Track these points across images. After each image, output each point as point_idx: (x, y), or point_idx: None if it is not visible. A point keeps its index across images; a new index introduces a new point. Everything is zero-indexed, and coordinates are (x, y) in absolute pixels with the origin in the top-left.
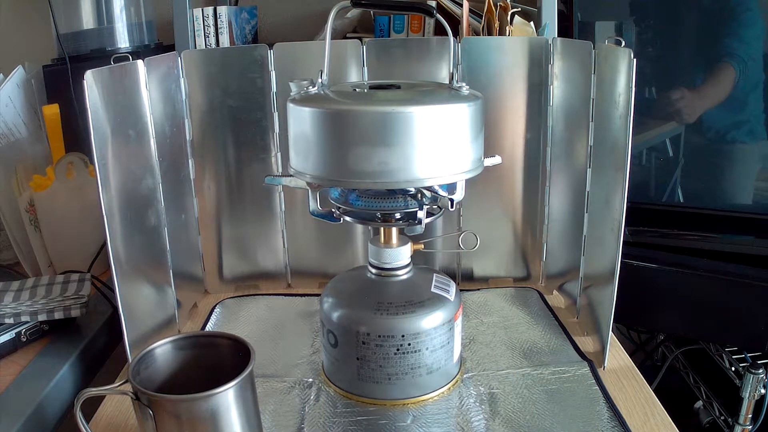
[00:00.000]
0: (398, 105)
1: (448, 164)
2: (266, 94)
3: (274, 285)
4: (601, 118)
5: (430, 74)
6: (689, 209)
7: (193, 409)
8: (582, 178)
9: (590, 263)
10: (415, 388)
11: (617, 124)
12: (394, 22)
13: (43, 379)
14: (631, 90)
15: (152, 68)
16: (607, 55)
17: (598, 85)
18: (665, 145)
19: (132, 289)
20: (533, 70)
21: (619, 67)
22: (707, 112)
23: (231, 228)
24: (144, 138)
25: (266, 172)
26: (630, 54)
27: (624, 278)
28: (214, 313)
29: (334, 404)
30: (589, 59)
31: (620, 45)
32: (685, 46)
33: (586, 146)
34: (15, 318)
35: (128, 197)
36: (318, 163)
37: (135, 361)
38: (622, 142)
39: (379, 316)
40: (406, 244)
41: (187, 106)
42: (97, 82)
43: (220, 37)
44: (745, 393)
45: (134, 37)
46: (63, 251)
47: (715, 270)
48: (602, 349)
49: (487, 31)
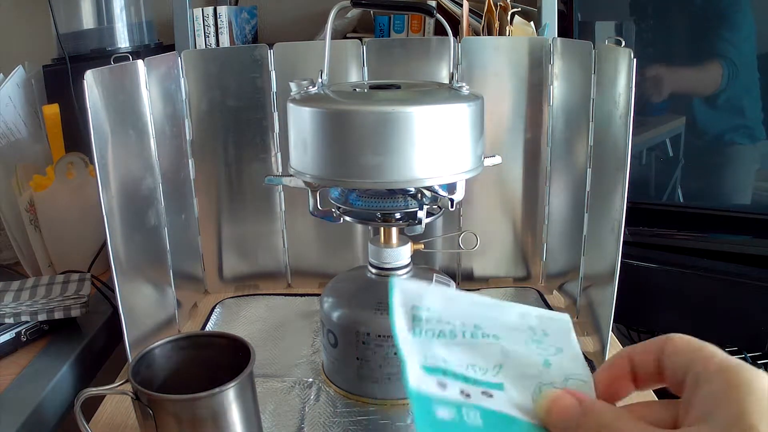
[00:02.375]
0: (398, 105)
1: (448, 164)
2: (266, 94)
3: (274, 285)
4: (601, 118)
5: (430, 74)
6: (689, 209)
7: (194, 408)
8: (582, 178)
9: (590, 263)
10: None
11: (617, 124)
12: (394, 22)
13: (43, 379)
14: (631, 90)
15: (152, 68)
16: (607, 55)
17: (598, 85)
18: (665, 145)
19: (132, 289)
20: (533, 70)
21: (619, 67)
22: (706, 112)
23: (231, 228)
24: (144, 138)
25: (266, 172)
26: (630, 54)
27: (624, 278)
28: (214, 313)
29: (334, 404)
30: (589, 59)
31: (620, 45)
32: (681, 45)
33: (586, 146)
34: (15, 318)
35: (128, 197)
36: (318, 163)
37: (135, 361)
38: (622, 142)
39: (379, 316)
40: (406, 244)
41: (187, 106)
42: (97, 82)
43: (220, 37)
44: None
45: (134, 37)
46: (63, 251)
47: (715, 270)
48: (602, 349)
49: (487, 31)
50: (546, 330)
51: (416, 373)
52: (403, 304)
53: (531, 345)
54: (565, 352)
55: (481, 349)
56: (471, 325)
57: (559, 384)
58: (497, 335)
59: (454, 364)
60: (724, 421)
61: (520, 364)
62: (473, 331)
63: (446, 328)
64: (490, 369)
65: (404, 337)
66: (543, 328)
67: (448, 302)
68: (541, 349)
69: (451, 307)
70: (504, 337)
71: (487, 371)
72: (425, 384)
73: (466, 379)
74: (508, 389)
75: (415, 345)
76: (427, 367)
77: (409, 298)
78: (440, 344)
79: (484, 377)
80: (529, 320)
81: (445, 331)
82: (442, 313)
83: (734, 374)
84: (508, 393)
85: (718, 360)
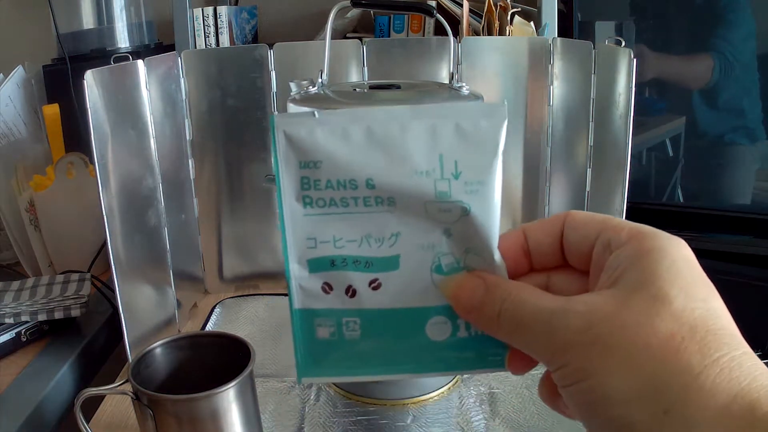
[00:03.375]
0: (398, 105)
1: None
2: (266, 94)
3: (274, 285)
4: (601, 118)
5: (430, 74)
6: (689, 209)
7: (194, 408)
8: (582, 178)
9: None
10: (415, 388)
11: (617, 124)
12: (394, 22)
13: (43, 379)
14: (631, 90)
15: (152, 68)
16: (607, 55)
17: (598, 85)
18: (665, 145)
19: (132, 289)
20: (533, 70)
21: (619, 67)
22: (706, 112)
23: (231, 228)
24: (144, 138)
25: (266, 172)
26: (630, 54)
27: None
28: (214, 313)
29: (334, 404)
30: (589, 59)
31: (620, 45)
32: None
33: (586, 146)
34: (15, 318)
35: (128, 197)
36: None
37: (135, 361)
38: (622, 142)
39: None
40: None
41: (187, 106)
42: (97, 82)
43: (220, 37)
44: None
45: (134, 37)
46: (63, 251)
47: (715, 270)
48: None
49: (487, 31)
50: (461, 159)
51: (301, 282)
52: (288, 161)
53: (432, 207)
54: (474, 209)
55: (375, 218)
56: (363, 181)
57: (458, 254)
58: (392, 198)
59: (346, 239)
60: (634, 284)
61: (418, 232)
62: (366, 194)
63: (337, 195)
64: (386, 239)
65: (292, 214)
66: (457, 157)
67: (340, 145)
68: (443, 209)
69: (343, 153)
70: (400, 200)
71: (383, 241)
72: (310, 287)
73: (356, 264)
74: (404, 262)
75: (305, 226)
76: (312, 261)
77: (296, 147)
78: (331, 219)
79: (380, 250)
80: (441, 144)
81: (336, 199)
82: (333, 167)
83: (648, 239)
84: (402, 270)
85: (630, 226)
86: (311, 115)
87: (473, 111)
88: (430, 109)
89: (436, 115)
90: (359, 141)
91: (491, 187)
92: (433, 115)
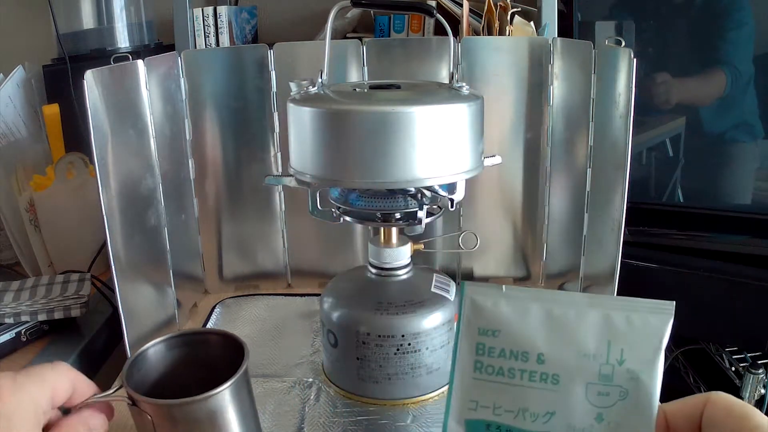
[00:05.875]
0: (398, 105)
1: (448, 164)
2: (266, 94)
3: (274, 285)
4: (601, 118)
5: (430, 74)
6: (689, 209)
7: (189, 412)
8: (582, 178)
9: (590, 263)
10: (415, 388)
11: (617, 124)
12: (394, 22)
13: None
14: (631, 90)
15: (152, 68)
16: (607, 55)
17: (598, 85)
18: (665, 145)
19: (132, 289)
20: (533, 70)
21: (619, 67)
22: (706, 112)
23: (231, 228)
24: (144, 138)
25: (266, 172)
26: (630, 54)
27: (624, 278)
28: (214, 313)
29: (334, 404)
30: (589, 59)
31: (620, 45)
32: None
33: (586, 146)
34: (15, 318)
35: (128, 197)
36: (318, 163)
37: (128, 365)
38: (622, 142)
39: (379, 315)
40: (406, 244)
41: (187, 106)
42: (97, 82)
43: (220, 37)
44: (745, 393)
45: (134, 37)
46: (63, 251)
47: (715, 270)
48: None
49: (487, 31)
50: (627, 348)
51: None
52: (470, 325)
53: (593, 388)
54: (633, 394)
55: (536, 394)
56: (535, 355)
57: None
58: (557, 376)
59: (505, 408)
60: None
61: (572, 415)
62: (535, 368)
63: (507, 365)
64: (541, 416)
65: (463, 375)
66: (624, 346)
67: (520, 319)
68: (603, 392)
69: (520, 327)
70: (564, 378)
71: (537, 417)
72: None
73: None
74: None
75: (472, 388)
76: (470, 422)
77: (479, 315)
78: (496, 387)
79: (533, 425)
80: (611, 332)
81: (504, 368)
82: (510, 337)
83: None
84: None
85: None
86: (499, 288)
87: (644, 306)
88: (605, 300)
89: (610, 307)
90: (538, 318)
91: (653, 377)
92: (607, 306)
